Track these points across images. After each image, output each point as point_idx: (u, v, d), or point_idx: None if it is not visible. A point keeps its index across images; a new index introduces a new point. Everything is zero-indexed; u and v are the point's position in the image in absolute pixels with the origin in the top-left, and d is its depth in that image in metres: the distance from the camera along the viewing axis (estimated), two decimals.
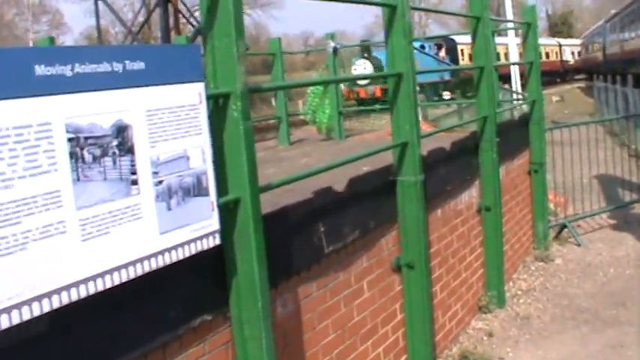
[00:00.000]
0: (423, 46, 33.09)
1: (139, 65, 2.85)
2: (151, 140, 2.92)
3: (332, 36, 10.13)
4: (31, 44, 61.62)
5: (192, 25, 29.02)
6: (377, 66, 29.66)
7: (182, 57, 3.12)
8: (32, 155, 2.40)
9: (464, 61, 44.38)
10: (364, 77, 24.85)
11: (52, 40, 8.01)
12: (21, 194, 2.36)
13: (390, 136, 5.48)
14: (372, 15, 68.66)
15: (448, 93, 38.30)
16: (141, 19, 30.56)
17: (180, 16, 28.27)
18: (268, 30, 70.01)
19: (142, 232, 2.86)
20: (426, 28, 72.82)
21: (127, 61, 2.79)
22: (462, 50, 45.25)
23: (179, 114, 3.07)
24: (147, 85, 2.89)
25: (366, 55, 32.27)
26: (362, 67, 31.32)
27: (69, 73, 2.54)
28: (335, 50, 9.94)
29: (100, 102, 2.68)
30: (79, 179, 2.57)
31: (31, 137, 2.40)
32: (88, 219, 2.61)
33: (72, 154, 2.55)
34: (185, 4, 29.51)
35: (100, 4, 23.63)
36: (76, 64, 2.57)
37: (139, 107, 2.86)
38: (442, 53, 39.45)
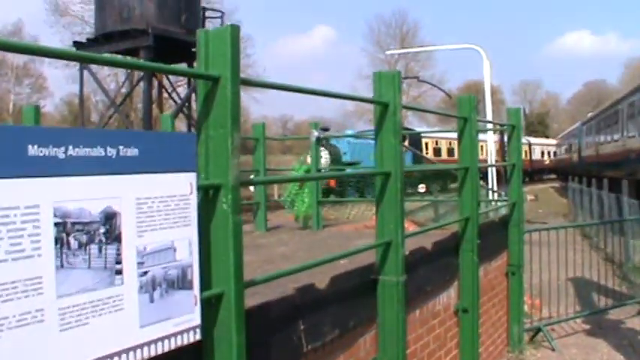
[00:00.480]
0: None
1: (133, 151, 2.78)
2: (139, 229, 2.84)
3: (316, 125, 10.17)
4: (11, 105, 61.64)
5: (175, 101, 29.08)
6: (334, 154, 29.42)
7: (177, 145, 3.06)
8: (16, 238, 2.32)
9: (428, 154, 44.74)
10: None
11: (37, 108, 7.92)
12: (0, 279, 2.26)
13: (367, 228, 5.40)
14: (353, 104, 69.32)
15: (423, 186, 38.27)
16: (124, 90, 30.63)
17: (163, 90, 28.35)
18: (248, 111, 70.34)
19: (122, 324, 2.76)
20: (405, 119, 73.56)
21: (121, 147, 2.73)
22: (426, 143, 45.78)
23: (169, 204, 2.99)
24: (139, 173, 2.83)
25: (323, 142, 32.16)
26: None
27: (62, 156, 2.48)
28: (318, 139, 9.97)
29: (91, 187, 2.61)
30: (62, 266, 2.49)
31: (17, 219, 2.33)
32: (68, 308, 2.51)
33: (57, 240, 2.47)
34: (169, 79, 29.64)
35: (84, 72, 23.63)
36: (70, 147, 2.51)
37: (129, 195, 2.79)
38: (405, 143, 39.40)
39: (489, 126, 21.70)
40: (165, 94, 29.98)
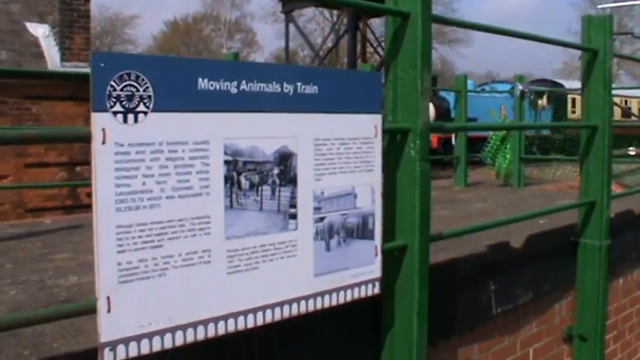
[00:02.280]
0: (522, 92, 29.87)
1: (312, 89, 2.59)
2: (316, 172, 2.66)
3: (520, 78, 9.74)
4: None
5: (380, 55, 28.97)
6: (441, 108, 26.64)
7: (361, 85, 2.85)
8: (184, 175, 2.20)
9: (575, 114, 36.37)
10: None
11: (236, 55, 7.95)
12: (167, 216, 2.16)
13: (571, 188, 5.02)
14: (560, 62, 66.87)
15: (633, 148, 35.84)
16: (330, 44, 30.84)
17: (368, 44, 28.30)
18: (454, 66, 69.12)
19: (295, 272, 2.60)
20: (617, 78, 70.05)
21: (299, 83, 2.54)
22: (573, 100, 36.92)
23: (351, 146, 2.80)
24: (318, 112, 2.64)
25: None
26: None
27: (234, 90, 2.32)
28: (522, 93, 9.54)
29: (264, 125, 2.44)
30: (231, 206, 2.34)
31: (186, 155, 2.20)
32: (237, 251, 2.38)
33: (227, 179, 2.32)
34: (374, 33, 29.54)
35: (291, 27, 23.90)
36: (243, 82, 2.34)
37: (307, 135, 2.61)
38: (542, 102, 33.27)
39: None
40: (370, 49, 29.91)
